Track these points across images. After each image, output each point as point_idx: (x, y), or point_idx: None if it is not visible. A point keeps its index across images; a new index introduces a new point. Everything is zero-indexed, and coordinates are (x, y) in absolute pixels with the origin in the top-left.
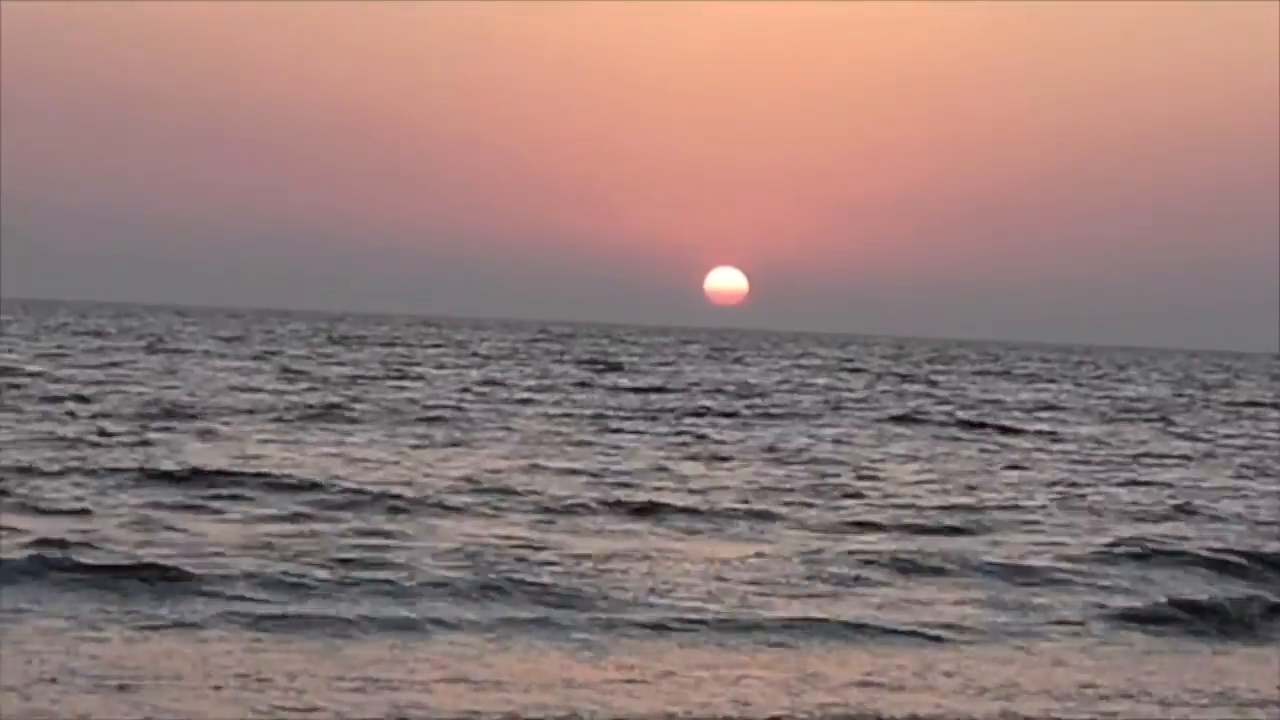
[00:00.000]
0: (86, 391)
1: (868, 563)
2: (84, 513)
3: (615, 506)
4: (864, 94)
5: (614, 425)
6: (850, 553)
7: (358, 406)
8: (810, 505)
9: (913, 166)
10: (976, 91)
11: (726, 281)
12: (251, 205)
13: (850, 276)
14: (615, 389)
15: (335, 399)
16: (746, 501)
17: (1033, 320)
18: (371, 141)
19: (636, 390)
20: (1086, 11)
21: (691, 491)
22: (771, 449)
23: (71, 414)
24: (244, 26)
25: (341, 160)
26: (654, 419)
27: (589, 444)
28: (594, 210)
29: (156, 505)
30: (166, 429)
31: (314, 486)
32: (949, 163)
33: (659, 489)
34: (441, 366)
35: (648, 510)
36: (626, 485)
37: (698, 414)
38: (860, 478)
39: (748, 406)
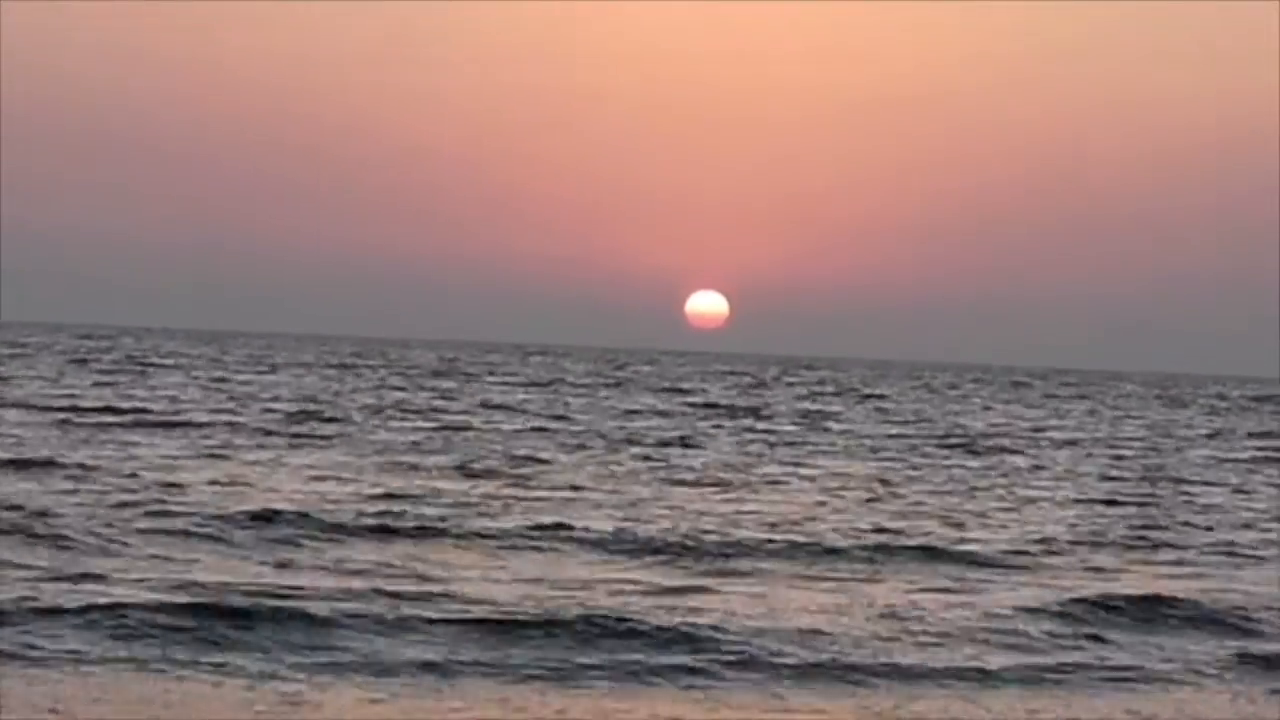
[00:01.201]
0: None
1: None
2: None
3: None
4: (844, 117)
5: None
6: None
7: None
8: None
9: (894, 189)
10: (959, 113)
11: (707, 305)
12: (241, 227)
13: (831, 299)
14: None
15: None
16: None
17: (1014, 342)
18: (349, 163)
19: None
20: (1073, 31)
21: None
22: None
23: None
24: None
25: (321, 182)
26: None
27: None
28: (573, 233)
29: None
30: None
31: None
32: (930, 185)
33: None
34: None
35: None
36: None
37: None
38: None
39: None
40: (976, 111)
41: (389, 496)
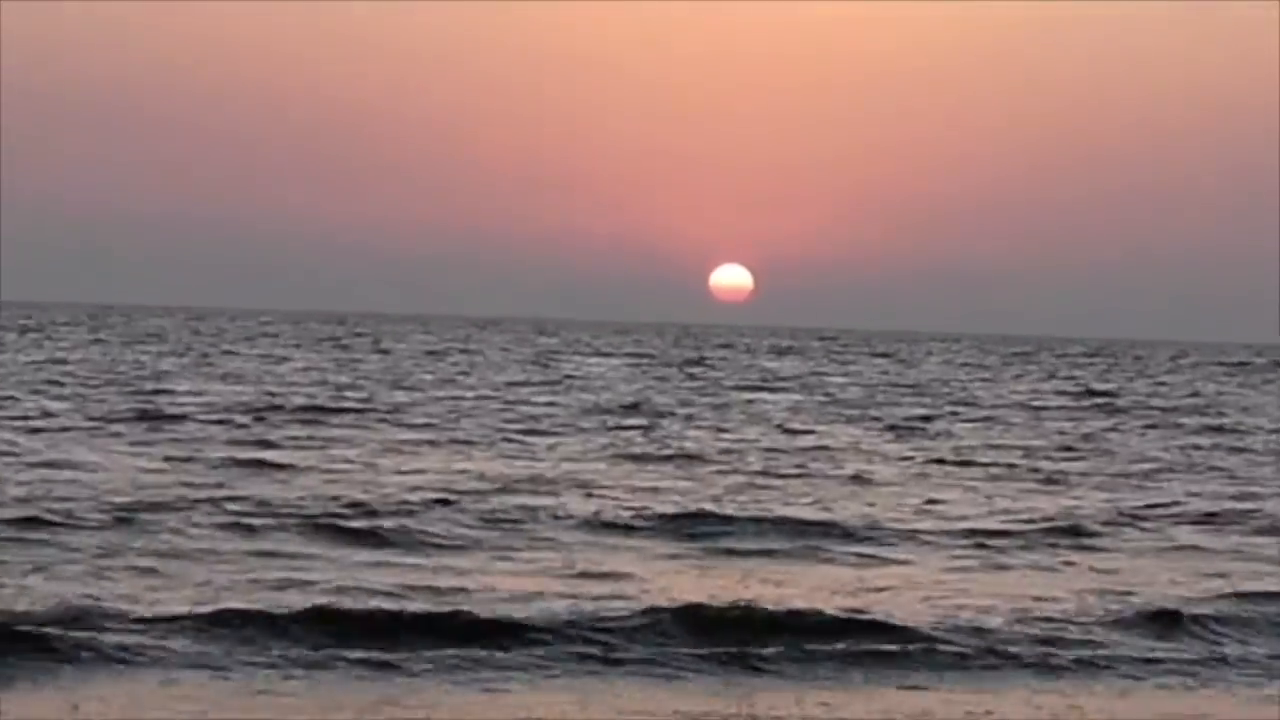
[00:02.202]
0: None
1: None
2: None
3: None
4: (867, 90)
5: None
6: None
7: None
8: None
9: (917, 162)
10: (980, 86)
11: (731, 278)
12: (247, 203)
13: (855, 273)
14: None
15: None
16: None
17: (1036, 312)
18: (373, 138)
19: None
20: (1083, 8)
21: None
22: None
23: None
24: (242, 26)
25: (343, 157)
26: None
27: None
28: (598, 207)
29: None
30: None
31: None
32: (953, 157)
33: None
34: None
35: None
36: None
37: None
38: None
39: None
40: (1002, 85)
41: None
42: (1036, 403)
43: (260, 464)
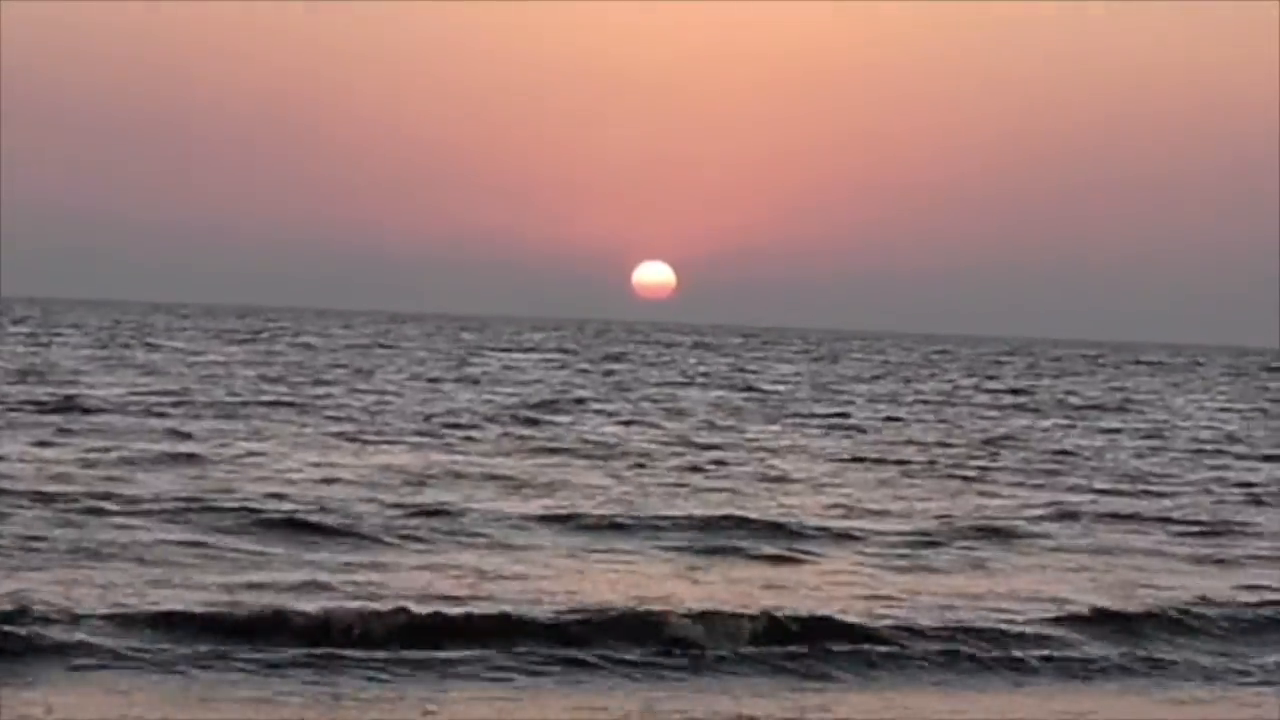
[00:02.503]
0: None
1: None
2: None
3: None
4: (791, 88)
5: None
6: None
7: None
8: None
9: (841, 160)
10: (908, 83)
11: (654, 275)
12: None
13: (777, 270)
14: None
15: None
16: None
17: (961, 311)
18: (308, 137)
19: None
20: (1031, 7)
21: None
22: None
23: None
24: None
25: (274, 158)
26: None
27: None
28: (520, 204)
29: None
30: None
31: None
32: (877, 155)
33: None
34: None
35: None
36: None
37: None
38: None
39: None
40: (930, 77)
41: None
42: (955, 400)
43: (179, 457)
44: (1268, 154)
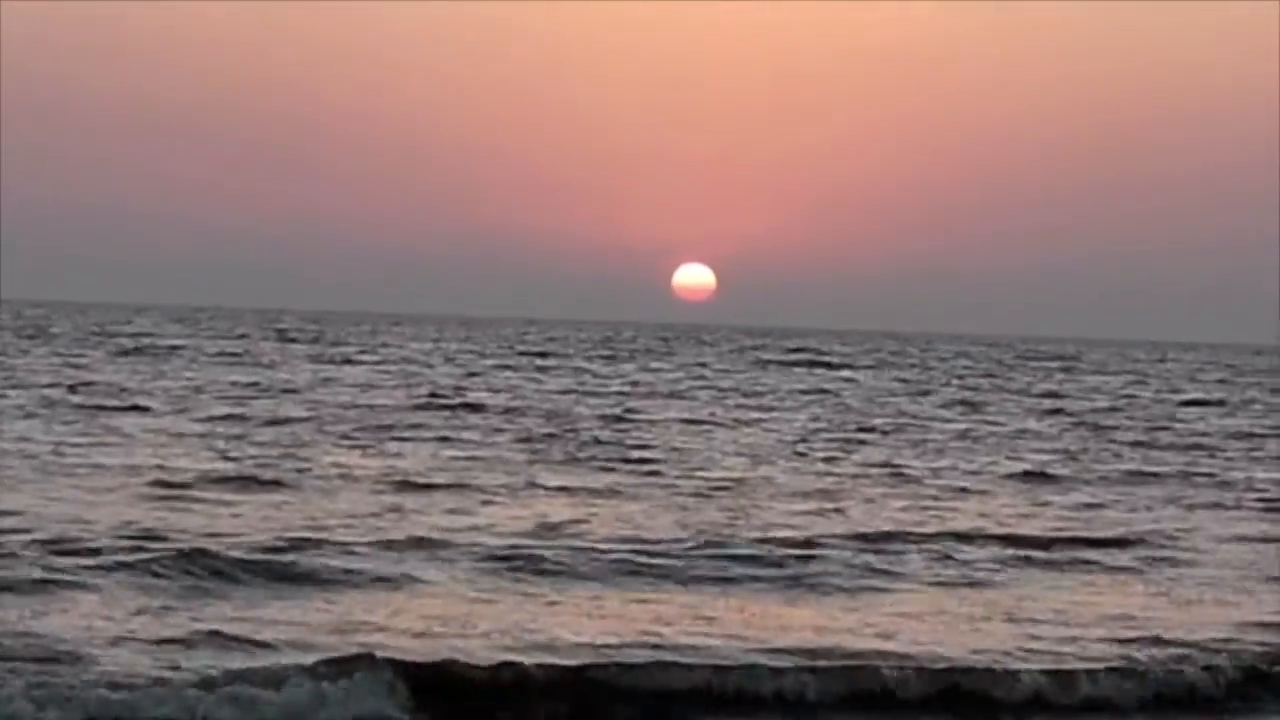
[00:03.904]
0: None
1: None
2: None
3: None
4: (830, 89)
5: None
6: None
7: None
8: None
9: (879, 160)
10: (944, 84)
11: (694, 278)
12: (238, 204)
13: (817, 271)
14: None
15: None
16: None
17: (1000, 311)
18: (343, 137)
19: None
20: (1049, 9)
21: None
22: None
23: None
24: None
25: (319, 157)
26: None
27: None
28: (561, 207)
29: None
30: None
31: None
32: (915, 155)
33: None
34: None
35: None
36: None
37: None
38: None
39: None
40: (969, 77)
41: None
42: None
43: None
44: None
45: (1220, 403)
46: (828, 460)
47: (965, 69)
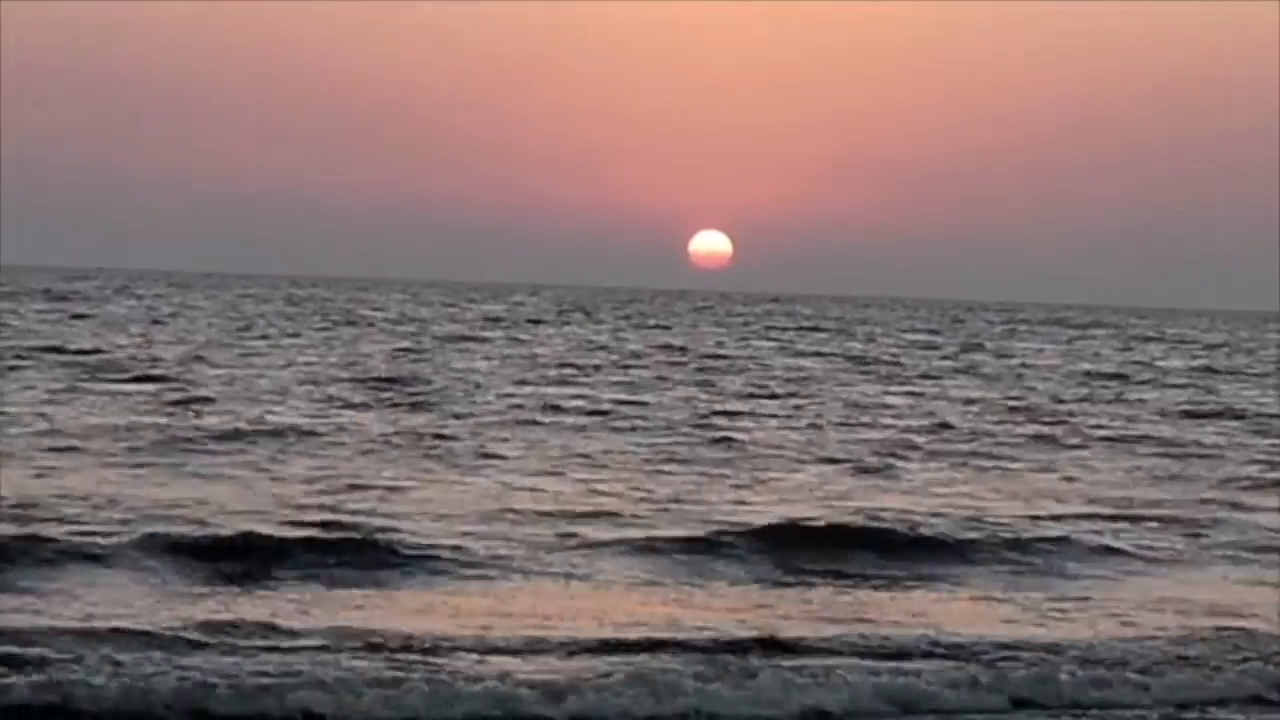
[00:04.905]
0: None
1: None
2: None
3: None
4: (845, 58)
5: None
6: None
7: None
8: None
9: (893, 128)
10: (957, 53)
11: (710, 244)
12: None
13: (833, 238)
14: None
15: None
16: None
17: (1016, 277)
18: (359, 108)
19: None
20: None
21: None
22: None
23: None
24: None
25: (335, 128)
26: None
27: None
28: (577, 173)
29: None
30: None
31: None
32: (928, 123)
33: None
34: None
35: None
36: None
37: None
38: None
39: None
40: (984, 45)
41: None
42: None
43: None
44: None
45: None
46: None
47: (983, 35)
